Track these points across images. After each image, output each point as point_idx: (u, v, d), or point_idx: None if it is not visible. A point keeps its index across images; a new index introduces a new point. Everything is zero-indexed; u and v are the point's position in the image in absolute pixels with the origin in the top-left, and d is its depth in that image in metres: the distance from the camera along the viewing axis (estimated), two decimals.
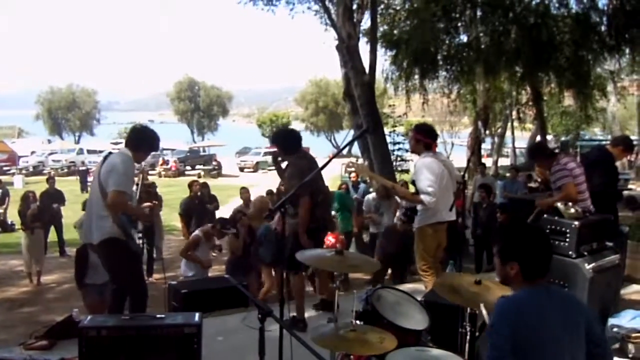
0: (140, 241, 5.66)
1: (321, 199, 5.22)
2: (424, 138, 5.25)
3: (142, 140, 4.88)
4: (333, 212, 9.23)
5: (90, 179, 27.61)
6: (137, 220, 5.13)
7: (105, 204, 4.52)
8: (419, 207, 5.27)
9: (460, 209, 7.24)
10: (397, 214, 9.16)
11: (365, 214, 9.91)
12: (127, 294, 4.81)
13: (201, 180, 14.83)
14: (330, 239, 7.20)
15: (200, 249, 7.47)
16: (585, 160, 6.29)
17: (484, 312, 3.00)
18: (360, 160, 11.60)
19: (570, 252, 4.45)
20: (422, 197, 5.04)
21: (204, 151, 42.74)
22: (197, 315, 3.81)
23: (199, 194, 11.19)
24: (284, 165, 5.51)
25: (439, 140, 5.53)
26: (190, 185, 11.33)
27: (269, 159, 38.75)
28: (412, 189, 5.52)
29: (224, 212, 11.21)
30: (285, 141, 5.46)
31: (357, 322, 3.33)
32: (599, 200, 5.39)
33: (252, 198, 9.83)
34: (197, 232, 7.78)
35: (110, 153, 4.91)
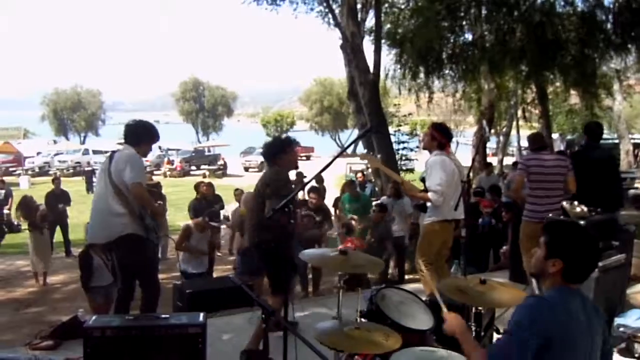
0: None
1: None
2: (440, 137, 5.31)
3: (138, 133, 4.91)
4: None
5: (96, 179, 27.75)
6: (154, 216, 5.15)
7: (121, 201, 4.56)
8: (428, 203, 5.31)
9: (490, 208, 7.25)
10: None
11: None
12: (133, 291, 4.84)
13: (206, 180, 14.83)
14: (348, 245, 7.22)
15: (193, 240, 7.49)
16: (584, 159, 6.21)
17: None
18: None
19: None
20: (430, 194, 5.09)
21: (209, 151, 42.80)
22: (201, 315, 3.81)
23: (206, 194, 11.14)
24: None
25: None
26: (197, 186, 11.32)
27: None
28: (421, 186, 5.54)
29: (229, 211, 11.23)
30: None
31: (362, 320, 3.32)
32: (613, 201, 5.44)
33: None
34: (188, 222, 7.83)
35: (114, 152, 4.93)
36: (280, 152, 4.79)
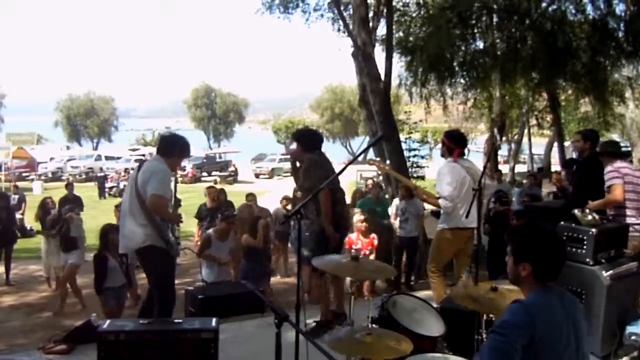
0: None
1: (340, 196, 5.41)
2: (448, 142, 5.40)
3: (171, 146, 4.96)
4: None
5: (108, 184, 27.93)
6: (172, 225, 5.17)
7: (144, 212, 4.61)
8: (442, 210, 5.34)
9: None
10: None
11: (393, 219, 9.82)
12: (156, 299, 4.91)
13: (218, 187, 14.88)
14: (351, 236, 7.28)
15: (214, 248, 7.39)
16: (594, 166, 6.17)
17: None
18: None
19: (587, 260, 4.42)
20: (440, 200, 5.14)
21: (220, 157, 42.95)
22: (214, 320, 3.85)
23: (214, 198, 11.13)
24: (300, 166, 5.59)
25: None
26: (209, 190, 11.31)
27: (285, 165, 39.16)
28: (435, 192, 5.58)
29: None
30: (307, 138, 5.66)
31: (373, 326, 3.33)
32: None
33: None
34: (209, 231, 7.77)
35: (143, 161, 5.00)
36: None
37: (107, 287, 6.44)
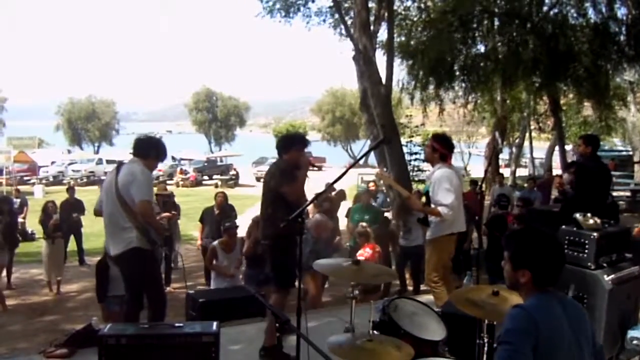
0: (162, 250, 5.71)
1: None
2: (440, 148, 5.24)
3: (147, 148, 4.93)
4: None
5: None
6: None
7: (127, 215, 4.57)
8: (432, 218, 5.24)
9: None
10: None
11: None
12: (142, 303, 4.86)
13: (219, 190, 14.88)
14: (367, 250, 7.25)
15: (222, 259, 7.42)
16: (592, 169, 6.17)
17: None
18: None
19: (589, 264, 4.41)
20: (440, 209, 5.03)
21: (221, 161, 42.97)
22: (214, 324, 3.84)
23: (221, 205, 11.15)
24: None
25: (456, 150, 5.52)
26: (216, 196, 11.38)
27: None
28: (424, 199, 5.50)
29: (241, 221, 11.24)
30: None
31: (374, 332, 3.33)
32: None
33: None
34: (214, 243, 7.76)
35: (121, 164, 4.95)
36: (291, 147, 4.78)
37: (111, 295, 6.39)
